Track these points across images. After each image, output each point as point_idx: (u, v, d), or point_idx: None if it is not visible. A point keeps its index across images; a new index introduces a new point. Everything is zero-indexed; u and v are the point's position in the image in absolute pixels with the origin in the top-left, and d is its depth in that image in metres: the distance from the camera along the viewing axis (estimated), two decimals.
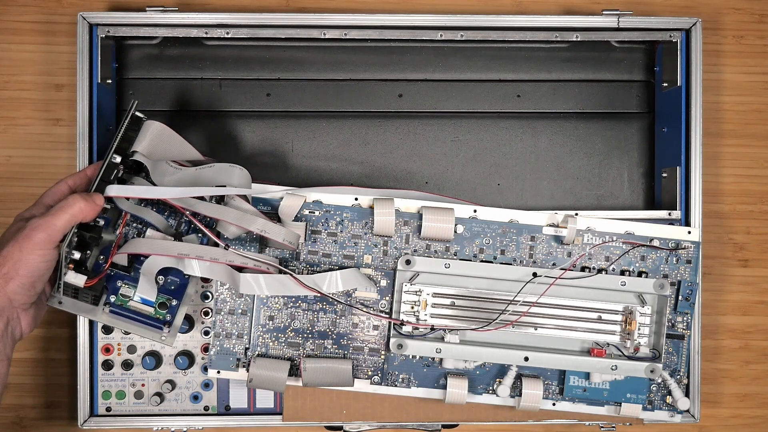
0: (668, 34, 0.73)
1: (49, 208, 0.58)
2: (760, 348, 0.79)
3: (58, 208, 0.57)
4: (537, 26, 0.72)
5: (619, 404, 0.68)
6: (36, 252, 0.56)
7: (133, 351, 0.70)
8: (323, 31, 0.72)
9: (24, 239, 0.56)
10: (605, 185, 0.77)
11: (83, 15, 0.69)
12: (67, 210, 0.57)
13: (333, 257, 0.67)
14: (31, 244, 0.56)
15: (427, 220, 0.65)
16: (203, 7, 0.76)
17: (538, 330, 0.67)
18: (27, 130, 0.76)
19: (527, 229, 0.68)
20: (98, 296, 0.63)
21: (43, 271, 0.57)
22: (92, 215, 0.59)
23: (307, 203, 0.66)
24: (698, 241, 0.68)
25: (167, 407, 0.71)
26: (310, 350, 0.67)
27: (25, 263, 0.56)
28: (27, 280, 0.56)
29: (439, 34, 0.73)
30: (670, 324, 0.68)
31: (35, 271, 0.57)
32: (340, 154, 0.75)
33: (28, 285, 0.57)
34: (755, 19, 0.79)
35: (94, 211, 0.59)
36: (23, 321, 0.59)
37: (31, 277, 0.57)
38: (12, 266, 0.56)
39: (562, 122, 0.76)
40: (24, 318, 0.59)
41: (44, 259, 0.57)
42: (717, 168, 0.79)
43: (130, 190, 0.61)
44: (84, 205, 0.58)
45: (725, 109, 0.79)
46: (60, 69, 0.75)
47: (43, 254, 0.56)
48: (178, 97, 0.74)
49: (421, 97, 0.76)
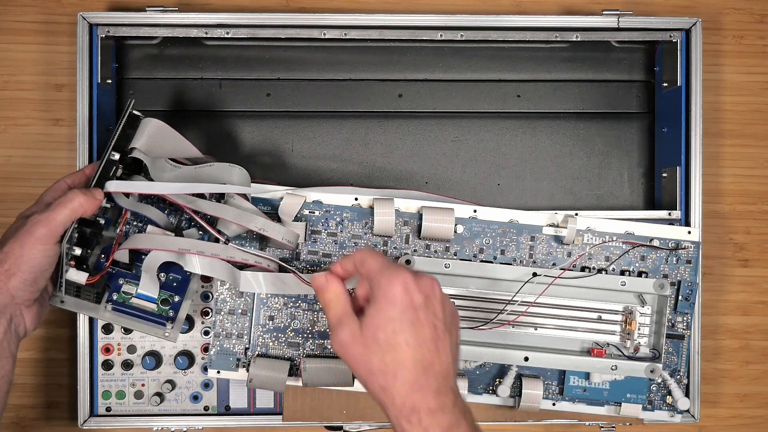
0: (668, 34, 0.73)
1: (50, 206, 0.58)
2: (760, 348, 0.79)
3: (57, 203, 0.57)
4: (537, 26, 0.72)
5: (619, 404, 0.68)
6: (37, 247, 0.56)
7: (133, 351, 0.70)
8: (323, 31, 0.72)
9: (25, 235, 0.56)
10: (605, 185, 0.77)
11: (83, 15, 0.69)
12: (67, 205, 0.57)
13: (333, 257, 0.67)
14: (33, 239, 0.56)
15: (427, 220, 0.65)
16: (203, 7, 0.76)
17: (538, 330, 0.67)
18: (27, 130, 0.76)
19: (527, 229, 0.68)
20: (100, 294, 0.63)
21: (45, 266, 0.57)
22: (92, 210, 0.58)
23: (307, 203, 0.66)
24: (698, 241, 0.68)
25: (167, 407, 0.71)
26: (310, 350, 0.67)
27: (26, 259, 0.56)
28: (29, 276, 0.56)
29: (439, 34, 0.73)
30: (670, 324, 0.68)
31: (37, 267, 0.56)
32: (340, 154, 0.75)
33: (30, 281, 0.57)
34: (755, 19, 0.79)
35: (94, 205, 0.58)
36: (27, 318, 0.59)
37: (33, 272, 0.56)
38: (14, 262, 0.56)
39: (562, 122, 0.76)
40: (27, 315, 0.59)
41: (46, 255, 0.57)
42: (717, 168, 0.79)
43: (129, 185, 0.61)
44: (84, 199, 0.58)
45: (725, 109, 0.79)
46: (60, 69, 0.75)
47: (45, 249, 0.56)
48: (178, 97, 0.74)
49: (421, 97, 0.76)
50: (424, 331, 0.49)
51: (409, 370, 0.49)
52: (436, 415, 0.48)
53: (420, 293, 0.50)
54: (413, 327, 0.49)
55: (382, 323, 0.49)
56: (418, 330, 0.49)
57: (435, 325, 0.50)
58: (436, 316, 0.50)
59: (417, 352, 0.49)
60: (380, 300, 0.50)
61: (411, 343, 0.49)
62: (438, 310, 0.51)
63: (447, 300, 0.52)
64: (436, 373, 0.49)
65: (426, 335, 0.49)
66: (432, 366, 0.49)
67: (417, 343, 0.49)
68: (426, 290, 0.51)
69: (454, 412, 0.48)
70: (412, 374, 0.49)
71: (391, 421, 0.50)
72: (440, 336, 0.50)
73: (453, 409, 0.48)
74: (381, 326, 0.49)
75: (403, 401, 0.48)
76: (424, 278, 0.51)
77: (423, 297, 0.50)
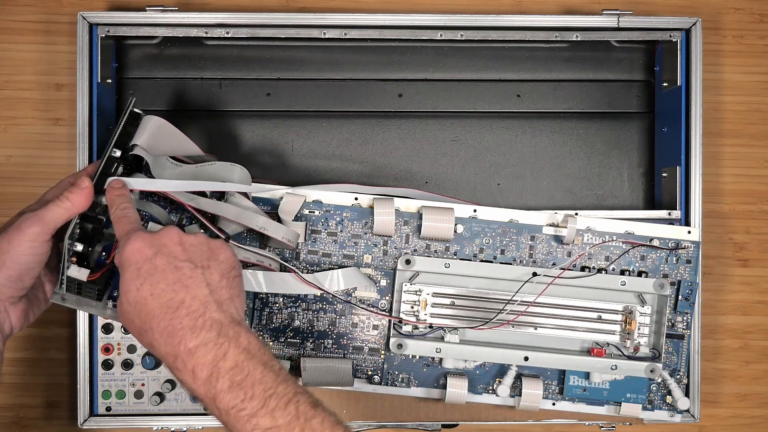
0: (668, 34, 0.73)
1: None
2: (760, 348, 0.79)
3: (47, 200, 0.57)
4: (537, 26, 0.72)
5: (619, 404, 0.68)
6: (25, 243, 0.55)
7: (133, 351, 0.70)
8: (323, 31, 0.72)
9: (13, 231, 0.55)
10: (605, 185, 0.77)
11: (83, 15, 0.69)
12: (57, 202, 0.56)
13: (333, 257, 0.67)
14: (20, 234, 0.55)
15: (427, 220, 0.65)
16: (203, 7, 0.76)
17: (538, 330, 0.67)
18: (27, 129, 0.76)
19: (527, 229, 0.68)
20: (102, 292, 0.63)
21: (32, 264, 0.56)
22: (83, 202, 0.57)
23: (307, 203, 0.66)
24: (698, 240, 0.68)
25: (167, 407, 0.71)
26: (310, 350, 0.67)
27: (12, 255, 0.55)
28: (14, 273, 0.55)
29: (439, 34, 0.73)
30: (670, 324, 0.68)
31: (23, 264, 0.55)
32: (340, 154, 0.75)
33: (15, 277, 0.56)
34: (755, 19, 0.79)
35: (82, 195, 0.57)
36: (12, 315, 0.58)
37: (19, 269, 0.55)
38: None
39: (562, 122, 0.76)
40: (13, 312, 0.58)
41: (33, 252, 0.56)
42: (717, 168, 0.79)
43: (131, 181, 0.61)
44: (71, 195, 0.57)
45: (725, 108, 0.79)
46: (60, 69, 0.75)
47: (32, 246, 0.55)
48: (178, 96, 0.75)
49: (421, 97, 0.76)
50: (165, 276, 0.50)
51: (160, 318, 0.49)
52: (196, 353, 0.48)
53: (152, 247, 0.51)
54: (151, 277, 0.50)
55: (128, 286, 0.51)
56: (157, 278, 0.50)
57: (177, 267, 0.51)
58: (177, 258, 0.51)
59: (161, 299, 0.50)
60: (122, 266, 0.52)
61: (154, 292, 0.50)
62: (178, 252, 0.51)
63: (192, 239, 0.53)
64: (188, 312, 0.49)
65: (168, 279, 0.50)
66: (182, 306, 0.49)
67: (160, 291, 0.50)
68: (159, 241, 0.52)
69: (220, 344, 0.48)
70: (163, 321, 0.49)
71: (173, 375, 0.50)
72: (187, 274, 0.51)
73: (218, 341, 0.48)
74: (128, 289, 0.51)
75: (166, 351, 0.49)
76: (158, 232, 0.52)
77: (156, 247, 0.51)
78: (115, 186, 0.58)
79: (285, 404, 0.47)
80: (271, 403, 0.47)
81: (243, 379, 0.48)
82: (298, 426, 0.47)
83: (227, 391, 0.47)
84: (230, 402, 0.47)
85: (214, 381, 0.47)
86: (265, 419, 0.47)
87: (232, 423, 0.47)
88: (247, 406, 0.47)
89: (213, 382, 0.47)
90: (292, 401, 0.47)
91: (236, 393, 0.47)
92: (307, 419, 0.47)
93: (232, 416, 0.47)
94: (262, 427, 0.47)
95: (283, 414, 0.47)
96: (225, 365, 0.48)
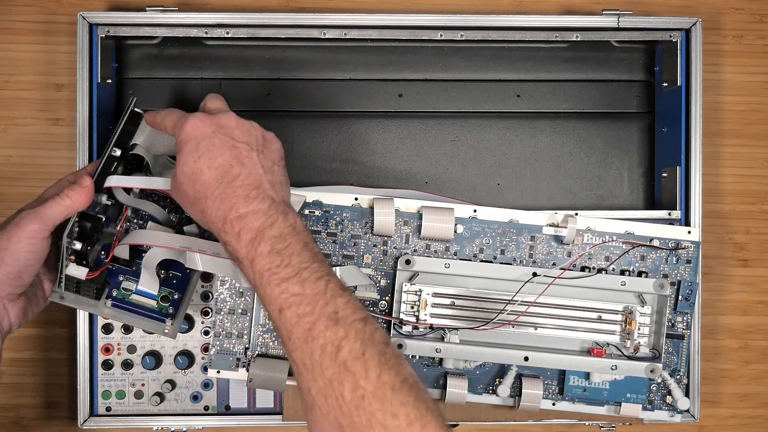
0: (668, 34, 0.73)
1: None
2: (760, 348, 0.79)
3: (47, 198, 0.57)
4: (537, 26, 0.72)
5: (619, 404, 0.68)
6: (24, 241, 0.55)
7: (133, 351, 0.70)
8: (323, 31, 0.72)
9: (12, 228, 0.56)
10: (605, 185, 0.77)
11: (83, 15, 0.69)
12: (56, 200, 0.57)
13: (333, 257, 0.67)
14: (19, 231, 0.55)
15: (427, 220, 0.65)
16: (203, 7, 0.76)
17: (538, 330, 0.67)
18: (27, 130, 0.76)
19: (527, 229, 0.68)
20: (100, 290, 0.63)
21: (31, 261, 0.56)
22: (84, 200, 0.58)
23: (306, 203, 0.66)
24: (698, 241, 0.68)
25: (167, 407, 0.71)
26: None
27: (11, 252, 0.55)
28: (13, 270, 0.56)
29: (439, 34, 0.73)
30: (670, 324, 0.68)
31: (21, 261, 0.56)
32: (340, 153, 0.75)
33: (13, 275, 0.56)
34: (755, 19, 0.79)
35: (83, 194, 0.58)
36: (11, 313, 0.58)
37: (18, 266, 0.56)
38: None
39: (562, 122, 0.76)
40: (11, 309, 0.58)
41: (32, 249, 0.56)
42: (717, 168, 0.79)
43: (130, 180, 0.61)
44: (71, 192, 0.57)
45: (725, 108, 0.79)
46: (60, 69, 0.75)
47: (31, 244, 0.56)
48: (178, 96, 0.74)
49: (421, 97, 0.76)
50: (223, 153, 0.54)
51: (215, 187, 0.53)
52: (246, 218, 0.52)
53: (211, 125, 0.55)
54: (210, 151, 0.54)
55: (186, 159, 0.54)
56: (216, 153, 0.54)
57: (234, 146, 0.54)
58: (235, 139, 0.55)
59: (218, 171, 0.53)
60: (181, 142, 0.55)
61: (211, 165, 0.53)
62: (236, 134, 0.55)
63: (248, 125, 0.57)
64: (243, 184, 0.53)
65: (225, 155, 0.54)
66: (237, 178, 0.53)
67: (218, 164, 0.53)
68: (218, 122, 0.55)
69: (270, 214, 0.52)
70: (218, 190, 0.53)
71: (219, 239, 0.54)
72: (244, 153, 0.54)
73: (268, 212, 0.52)
74: (185, 162, 0.54)
75: (216, 215, 0.53)
76: (216, 115, 0.56)
77: (215, 127, 0.55)
78: (150, 112, 0.62)
79: (316, 279, 0.50)
80: (304, 274, 0.50)
81: (283, 248, 0.51)
82: (323, 300, 0.49)
83: (266, 255, 0.51)
84: (267, 264, 0.50)
85: (257, 244, 0.51)
86: (295, 286, 0.50)
87: (264, 285, 0.50)
88: (281, 271, 0.50)
89: (255, 244, 0.51)
90: (323, 278, 0.50)
91: (274, 258, 0.50)
92: (333, 296, 0.49)
93: (265, 278, 0.50)
94: (289, 293, 0.50)
95: (312, 286, 0.50)
96: (270, 233, 0.51)
